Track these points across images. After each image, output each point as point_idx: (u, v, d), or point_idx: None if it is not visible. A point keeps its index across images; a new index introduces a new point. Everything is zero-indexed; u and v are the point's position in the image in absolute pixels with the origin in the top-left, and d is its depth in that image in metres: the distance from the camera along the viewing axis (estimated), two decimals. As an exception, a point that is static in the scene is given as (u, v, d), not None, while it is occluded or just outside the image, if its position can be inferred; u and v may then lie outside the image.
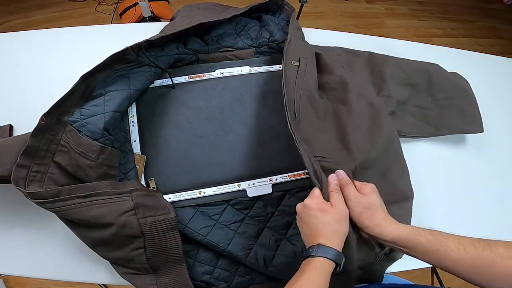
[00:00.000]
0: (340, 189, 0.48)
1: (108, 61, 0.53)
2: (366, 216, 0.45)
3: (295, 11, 0.77)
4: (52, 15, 1.76)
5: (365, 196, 0.47)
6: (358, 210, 0.46)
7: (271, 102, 0.66)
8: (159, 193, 0.51)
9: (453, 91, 0.74)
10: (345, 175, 0.50)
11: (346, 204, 0.46)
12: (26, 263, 0.55)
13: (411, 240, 0.43)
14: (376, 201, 0.47)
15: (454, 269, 0.41)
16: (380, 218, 0.45)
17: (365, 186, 0.48)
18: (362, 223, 0.45)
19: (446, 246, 0.41)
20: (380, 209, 0.46)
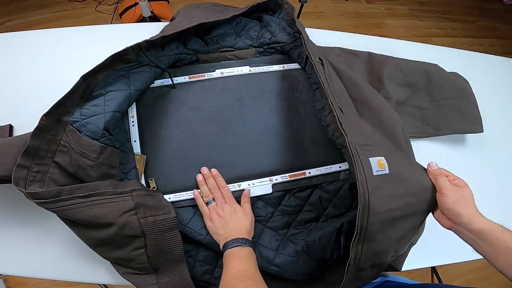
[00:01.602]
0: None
1: (108, 61, 0.53)
2: (461, 205, 0.47)
3: (295, 9, 0.77)
4: (52, 15, 1.76)
5: (460, 187, 0.49)
6: (453, 199, 0.47)
7: (271, 102, 0.66)
8: (159, 193, 0.51)
9: (452, 91, 0.74)
10: (437, 166, 0.52)
11: (442, 192, 0.48)
12: (26, 263, 0.55)
13: (495, 235, 0.44)
14: (470, 193, 0.49)
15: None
16: (473, 209, 0.48)
17: (458, 179, 0.52)
18: (456, 210, 0.47)
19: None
20: (473, 201, 0.49)
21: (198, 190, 0.57)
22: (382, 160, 0.46)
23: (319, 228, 0.59)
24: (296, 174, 0.62)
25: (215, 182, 0.57)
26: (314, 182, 0.62)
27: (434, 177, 0.51)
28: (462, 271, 1.37)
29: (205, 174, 0.56)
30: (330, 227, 0.58)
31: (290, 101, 0.67)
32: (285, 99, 0.67)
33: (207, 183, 0.55)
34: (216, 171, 0.56)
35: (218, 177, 0.57)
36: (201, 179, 0.57)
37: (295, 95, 0.68)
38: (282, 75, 0.69)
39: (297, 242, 0.57)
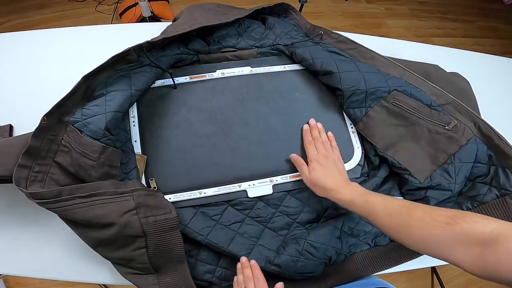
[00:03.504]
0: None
1: (109, 62, 0.53)
2: (326, 176, 0.55)
3: (306, 20, 0.77)
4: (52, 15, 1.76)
5: (326, 157, 0.59)
6: (317, 170, 0.57)
7: (272, 102, 0.66)
8: (160, 193, 0.51)
9: (452, 91, 0.74)
10: (316, 128, 0.63)
11: (308, 161, 0.59)
12: (26, 263, 0.55)
13: (366, 201, 0.49)
14: (335, 163, 0.58)
15: (381, 229, 0.48)
16: (339, 179, 0.55)
17: (328, 145, 0.61)
18: (321, 182, 0.55)
19: (374, 211, 0.48)
20: (339, 170, 0.57)
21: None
22: None
23: (319, 228, 0.59)
24: (297, 175, 0.62)
25: (251, 273, 0.53)
26: (314, 182, 0.62)
27: (304, 143, 0.60)
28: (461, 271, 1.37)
29: (243, 263, 0.54)
30: (331, 226, 0.59)
31: (291, 102, 0.67)
32: (286, 99, 0.67)
33: (243, 272, 0.52)
34: (254, 262, 0.54)
35: (255, 269, 0.53)
36: (239, 267, 0.54)
37: (296, 96, 0.68)
38: (283, 75, 0.69)
39: (298, 242, 0.57)
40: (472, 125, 0.60)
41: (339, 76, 0.64)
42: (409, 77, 0.65)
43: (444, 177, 0.59)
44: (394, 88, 0.63)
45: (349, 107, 0.65)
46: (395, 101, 0.63)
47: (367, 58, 0.67)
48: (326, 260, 0.58)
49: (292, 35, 0.73)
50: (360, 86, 0.63)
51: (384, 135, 0.64)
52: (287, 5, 0.78)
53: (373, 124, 0.64)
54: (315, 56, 0.66)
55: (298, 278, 0.57)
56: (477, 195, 0.57)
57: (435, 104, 0.62)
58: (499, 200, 0.55)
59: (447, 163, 0.59)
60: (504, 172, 0.56)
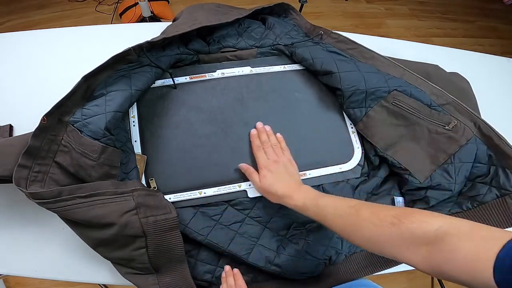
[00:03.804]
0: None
1: (109, 62, 0.53)
2: (276, 182, 0.54)
3: (306, 21, 0.77)
4: (52, 15, 1.76)
5: (276, 163, 0.57)
6: (267, 178, 0.56)
7: (272, 102, 0.66)
8: (160, 193, 0.51)
9: (452, 91, 0.74)
10: (264, 131, 0.61)
11: (258, 169, 0.58)
12: (26, 263, 0.55)
13: (317, 204, 0.49)
14: (286, 167, 0.57)
15: (335, 232, 0.48)
16: (290, 184, 0.54)
17: (279, 150, 0.59)
18: (272, 189, 0.54)
19: (325, 214, 0.47)
20: (291, 175, 0.56)
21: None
22: None
23: (319, 228, 0.59)
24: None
25: (233, 281, 0.53)
26: (314, 183, 0.62)
27: (253, 149, 0.59)
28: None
29: (226, 272, 0.55)
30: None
31: (291, 102, 0.67)
32: (286, 99, 0.67)
33: (227, 281, 0.53)
34: (237, 271, 0.55)
35: (238, 278, 0.54)
36: (223, 276, 0.54)
37: (296, 96, 0.68)
38: (283, 75, 0.69)
39: (298, 242, 0.57)
40: (472, 125, 0.60)
41: (339, 76, 0.64)
42: (409, 77, 0.65)
43: (444, 177, 0.59)
44: (394, 88, 0.63)
45: (349, 107, 0.65)
46: (395, 101, 0.63)
47: (367, 58, 0.67)
48: (326, 260, 0.58)
49: (292, 35, 0.73)
50: (360, 86, 0.63)
51: (384, 135, 0.64)
52: (287, 5, 0.78)
53: (373, 124, 0.64)
54: (315, 56, 0.66)
55: (298, 278, 0.57)
56: (477, 195, 0.57)
57: (435, 104, 0.62)
58: (499, 200, 0.55)
59: (447, 163, 0.59)
60: (504, 172, 0.56)
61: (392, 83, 0.64)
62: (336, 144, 0.66)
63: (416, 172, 0.61)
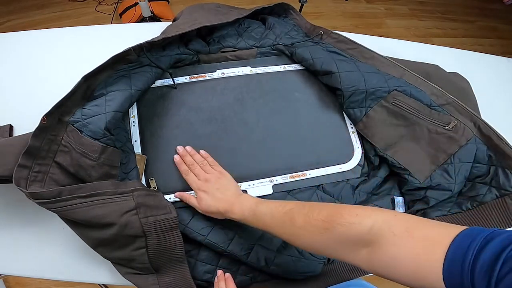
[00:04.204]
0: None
1: (109, 62, 0.53)
2: (214, 201, 0.52)
3: (306, 21, 0.77)
4: (52, 15, 1.76)
5: (207, 182, 0.55)
6: (203, 199, 0.53)
7: (272, 102, 0.66)
8: (160, 193, 0.51)
9: (452, 91, 0.74)
10: (187, 155, 0.58)
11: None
12: (26, 263, 0.55)
13: (256, 214, 0.48)
14: (222, 182, 0.55)
15: (281, 239, 0.49)
16: (227, 200, 0.52)
17: (209, 168, 0.57)
18: (211, 209, 0.52)
19: (264, 224, 0.47)
20: (229, 188, 0.54)
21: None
22: None
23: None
24: (297, 175, 0.62)
25: (224, 286, 0.52)
26: (314, 183, 0.62)
27: (182, 175, 0.57)
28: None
29: (218, 276, 0.54)
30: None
31: (291, 102, 0.67)
32: (286, 99, 0.67)
33: (219, 285, 0.52)
34: (228, 275, 0.54)
35: (229, 282, 0.53)
36: (216, 281, 0.53)
37: (296, 96, 0.68)
38: (283, 75, 0.69)
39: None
40: (472, 125, 0.60)
41: (339, 76, 0.64)
42: (409, 77, 0.65)
43: (444, 177, 0.59)
44: (394, 88, 0.63)
45: (349, 107, 0.65)
46: (395, 101, 0.63)
47: (367, 58, 0.67)
48: (325, 260, 0.58)
49: (292, 35, 0.73)
50: (360, 86, 0.63)
51: (384, 135, 0.64)
52: (287, 5, 0.78)
53: (373, 124, 0.64)
54: (315, 56, 0.66)
55: (298, 278, 0.57)
56: (476, 195, 0.57)
57: (435, 104, 0.62)
58: (499, 200, 0.55)
59: (447, 163, 0.59)
60: (504, 172, 0.56)
61: (392, 83, 0.64)
62: (336, 144, 0.66)
63: (416, 172, 0.61)
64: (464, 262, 0.27)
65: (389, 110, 0.64)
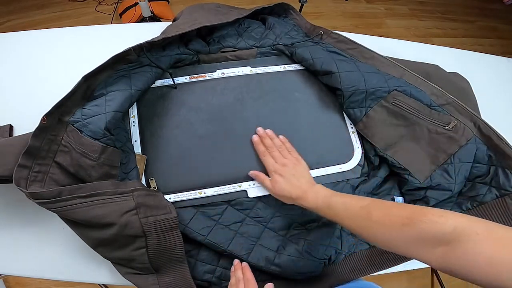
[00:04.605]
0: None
1: (109, 62, 0.53)
2: (288, 186, 0.54)
3: (306, 21, 0.77)
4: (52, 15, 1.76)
5: (285, 166, 0.57)
6: (278, 182, 0.56)
7: (272, 102, 0.66)
8: (160, 193, 0.51)
9: (452, 91, 0.74)
10: (266, 136, 0.61)
11: (268, 174, 0.58)
12: (26, 263, 0.55)
13: (330, 203, 0.49)
14: (298, 169, 0.57)
15: (350, 231, 0.50)
16: (302, 186, 0.54)
17: (287, 153, 0.59)
18: (284, 193, 0.54)
19: (337, 215, 0.48)
20: (303, 176, 0.56)
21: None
22: None
23: (319, 228, 0.59)
24: (297, 174, 0.62)
25: (242, 274, 0.53)
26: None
27: (260, 156, 0.59)
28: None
29: (235, 266, 0.54)
30: (330, 226, 0.59)
31: (291, 102, 0.67)
32: (286, 99, 0.67)
33: (235, 274, 0.53)
34: (245, 264, 0.55)
35: (246, 271, 0.53)
36: (232, 270, 0.54)
37: (296, 96, 0.68)
38: (283, 75, 0.69)
39: (298, 242, 0.57)
40: (472, 125, 0.60)
41: (339, 76, 0.64)
42: (409, 77, 0.65)
43: (444, 177, 0.59)
44: (394, 88, 0.63)
45: (349, 107, 0.65)
46: (395, 101, 0.63)
47: (367, 58, 0.67)
48: (325, 260, 0.58)
49: (292, 35, 0.73)
50: (360, 86, 0.63)
51: (384, 135, 0.64)
52: (287, 5, 0.78)
53: (373, 124, 0.64)
54: (315, 56, 0.66)
55: (298, 278, 0.57)
56: (476, 195, 0.57)
57: (435, 104, 0.62)
58: (499, 200, 0.55)
59: (447, 163, 0.59)
60: (504, 172, 0.56)
61: (392, 83, 0.64)
62: (336, 144, 0.66)
63: (416, 172, 0.61)
64: None
65: (389, 110, 0.64)
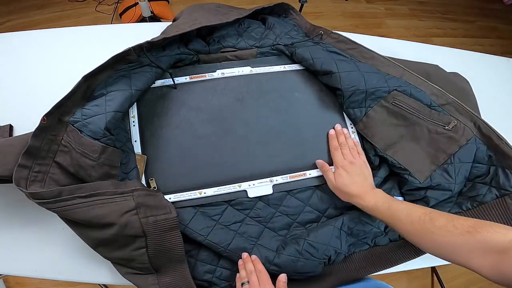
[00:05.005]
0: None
1: (109, 62, 0.53)
2: (350, 182, 0.57)
3: (306, 21, 0.77)
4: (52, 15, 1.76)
5: (352, 164, 0.60)
6: (342, 176, 0.58)
7: (272, 102, 0.66)
8: (160, 193, 0.51)
9: (452, 91, 0.74)
10: (342, 133, 0.64)
11: (335, 167, 0.61)
12: (26, 263, 0.55)
13: (390, 207, 0.50)
14: (361, 169, 0.59)
15: (404, 235, 0.49)
16: (363, 186, 0.56)
17: (355, 152, 0.62)
18: (345, 188, 0.56)
19: (397, 218, 0.49)
20: (365, 177, 0.58)
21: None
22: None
23: (319, 228, 0.59)
24: (297, 175, 0.62)
25: (253, 267, 0.53)
26: (314, 183, 0.62)
27: (331, 149, 0.63)
28: (462, 271, 1.37)
29: (244, 259, 0.55)
30: (330, 226, 0.59)
31: (291, 102, 0.67)
32: (286, 99, 0.67)
33: (246, 267, 0.53)
34: (255, 257, 0.55)
35: (257, 263, 0.54)
36: (241, 263, 0.55)
37: (296, 96, 0.68)
38: (283, 75, 0.69)
39: (298, 242, 0.57)
40: (472, 125, 0.60)
41: (339, 76, 0.64)
42: (409, 77, 0.65)
43: (444, 177, 0.59)
44: (394, 88, 0.63)
45: (349, 107, 0.65)
46: (395, 101, 0.63)
47: (367, 58, 0.67)
48: (325, 260, 0.58)
49: (292, 35, 0.73)
50: (360, 86, 0.63)
51: (384, 135, 0.64)
52: (287, 5, 0.78)
53: (373, 124, 0.64)
54: (315, 56, 0.66)
55: (298, 278, 0.57)
56: (477, 195, 0.57)
57: (435, 104, 0.62)
58: (499, 200, 0.55)
59: (447, 163, 0.59)
60: (504, 172, 0.56)
61: (392, 83, 0.64)
62: (336, 144, 0.66)
63: (416, 172, 0.61)
64: None
65: (389, 110, 0.64)
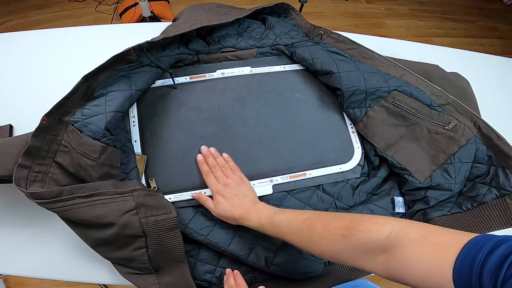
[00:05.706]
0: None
1: (109, 62, 0.53)
2: (230, 206, 0.53)
3: (306, 21, 0.77)
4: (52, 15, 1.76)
5: (227, 186, 0.55)
6: (220, 203, 0.54)
7: (272, 102, 0.66)
8: (160, 193, 0.51)
9: (452, 91, 0.74)
10: (210, 155, 0.59)
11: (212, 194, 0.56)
12: (26, 263, 0.55)
13: (273, 222, 0.48)
14: (241, 188, 0.55)
15: (298, 247, 0.47)
16: (245, 206, 0.52)
17: (230, 172, 0.57)
18: (227, 214, 0.53)
19: (281, 232, 0.47)
20: (247, 195, 0.54)
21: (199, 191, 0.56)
22: None
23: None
24: (297, 175, 0.62)
25: (234, 281, 0.53)
26: (314, 183, 0.62)
27: (203, 176, 0.57)
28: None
29: (227, 274, 0.54)
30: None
31: (291, 102, 0.67)
32: (286, 99, 0.67)
33: (228, 282, 0.53)
34: (237, 271, 0.55)
35: (238, 277, 0.53)
36: (225, 279, 0.54)
37: (296, 96, 0.68)
38: (283, 75, 0.69)
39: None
40: (472, 125, 0.60)
41: (339, 76, 0.64)
42: (409, 77, 0.65)
43: (444, 177, 0.59)
44: (394, 88, 0.63)
45: (349, 107, 0.65)
46: (395, 101, 0.63)
47: (367, 58, 0.67)
48: (325, 260, 0.58)
49: (292, 35, 0.73)
50: (360, 86, 0.63)
51: (384, 135, 0.64)
52: (287, 5, 0.78)
53: (373, 124, 0.64)
54: (315, 56, 0.66)
55: (298, 278, 0.57)
56: (476, 195, 0.57)
57: (435, 104, 0.62)
58: (499, 200, 0.55)
59: (447, 163, 0.59)
60: (504, 172, 0.56)
61: (392, 83, 0.64)
62: (336, 144, 0.66)
63: (416, 172, 0.61)
64: (473, 265, 0.28)
65: (389, 110, 0.64)
